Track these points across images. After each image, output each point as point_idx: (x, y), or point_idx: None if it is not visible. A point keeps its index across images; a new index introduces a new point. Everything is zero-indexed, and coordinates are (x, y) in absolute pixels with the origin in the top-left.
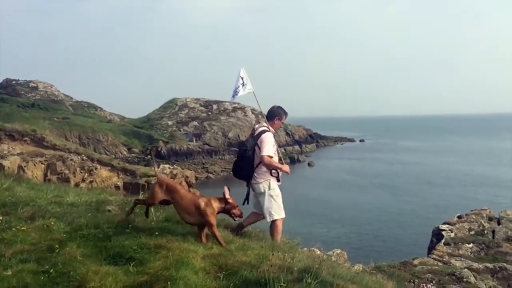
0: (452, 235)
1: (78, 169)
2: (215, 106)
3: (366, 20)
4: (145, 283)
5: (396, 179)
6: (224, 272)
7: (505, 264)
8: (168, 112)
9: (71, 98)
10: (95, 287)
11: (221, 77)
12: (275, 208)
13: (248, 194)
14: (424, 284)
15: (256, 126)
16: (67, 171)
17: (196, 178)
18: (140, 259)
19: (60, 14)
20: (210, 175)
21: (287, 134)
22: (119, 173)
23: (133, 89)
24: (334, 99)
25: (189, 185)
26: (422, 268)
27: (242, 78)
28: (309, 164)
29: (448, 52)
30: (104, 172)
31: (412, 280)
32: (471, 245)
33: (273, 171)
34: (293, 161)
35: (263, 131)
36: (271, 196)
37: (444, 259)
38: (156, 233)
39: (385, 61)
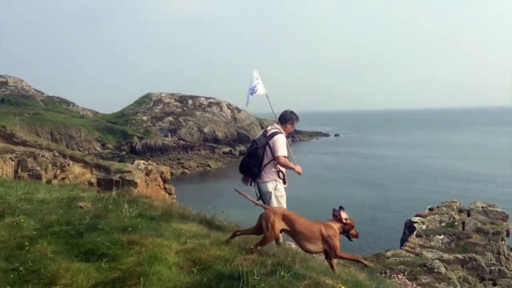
0: (424, 227)
1: (50, 165)
2: (190, 101)
3: (336, 14)
4: (118, 279)
5: (370, 173)
6: (198, 267)
7: (474, 255)
8: (142, 107)
9: (42, 93)
10: (66, 284)
11: (196, 72)
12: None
13: (258, 194)
14: (395, 275)
15: (269, 127)
16: (38, 168)
17: (172, 174)
18: (113, 255)
19: (29, 6)
20: (186, 170)
21: (263, 128)
22: (93, 169)
23: (106, 84)
24: (308, 94)
25: (164, 180)
26: (394, 259)
27: (257, 78)
28: None
29: (419, 47)
30: (77, 168)
31: (384, 272)
32: (442, 236)
33: (280, 173)
34: None
35: (276, 133)
36: (276, 197)
37: (416, 251)
38: (129, 229)
39: (358, 56)
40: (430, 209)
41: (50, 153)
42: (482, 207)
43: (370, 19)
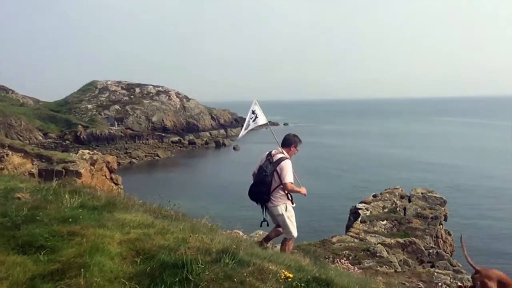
0: (368, 213)
1: None
2: (137, 90)
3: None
4: (57, 272)
5: (319, 162)
6: (141, 257)
7: (414, 239)
8: (87, 95)
9: None
10: (2, 278)
11: (145, 59)
12: (291, 228)
13: (264, 217)
14: (338, 260)
15: (273, 152)
16: None
17: (119, 164)
18: (52, 247)
19: None
20: (134, 160)
21: (212, 118)
22: (34, 159)
23: (48, 70)
24: (258, 83)
25: (111, 170)
26: (340, 245)
27: (253, 112)
28: (234, 148)
29: (369, 36)
30: (16, 158)
31: (328, 257)
32: (384, 222)
33: (288, 195)
34: (218, 146)
35: (282, 158)
36: (288, 217)
37: (360, 236)
38: (70, 220)
39: (305, 45)
40: (374, 196)
41: None
42: (422, 193)
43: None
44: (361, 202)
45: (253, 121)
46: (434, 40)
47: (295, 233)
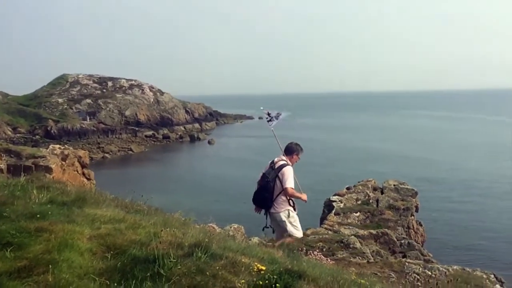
0: (342, 205)
1: None
2: (110, 83)
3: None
4: (24, 268)
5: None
6: (112, 252)
7: (386, 230)
8: (58, 89)
9: None
10: None
11: (116, 52)
12: (295, 231)
13: (266, 222)
14: (311, 251)
15: (276, 159)
16: None
17: (91, 159)
18: (19, 243)
19: None
20: (107, 155)
21: (187, 112)
22: (2, 155)
23: (16, 63)
24: (233, 77)
25: (83, 165)
26: (314, 237)
27: (269, 114)
28: (209, 142)
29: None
30: None
31: (302, 249)
32: (358, 214)
33: (290, 200)
34: (193, 140)
35: (284, 165)
36: (291, 223)
37: (334, 228)
38: (38, 216)
39: (279, 40)
40: (348, 188)
41: None
42: (394, 185)
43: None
44: (335, 195)
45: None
46: (408, 32)
47: (300, 234)
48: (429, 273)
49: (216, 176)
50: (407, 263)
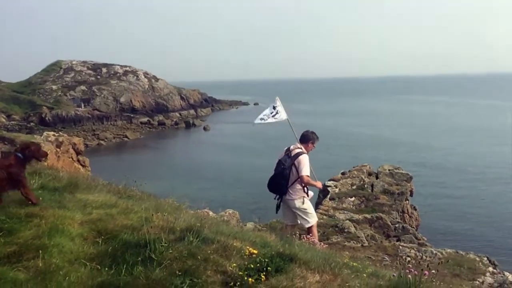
0: (337, 190)
1: None
2: (104, 70)
3: None
4: (14, 254)
5: (289, 142)
6: (103, 237)
7: (381, 214)
8: (52, 75)
9: None
10: None
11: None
12: (310, 217)
13: (278, 206)
14: (304, 236)
15: (292, 147)
16: None
17: (86, 146)
18: (9, 229)
19: None
20: (102, 142)
21: (182, 98)
22: None
23: (9, 49)
24: (228, 63)
25: (78, 152)
26: None
27: (274, 108)
28: (204, 129)
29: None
30: None
31: (295, 233)
32: (353, 198)
33: (305, 188)
34: (188, 126)
35: (300, 153)
36: (305, 209)
37: (330, 213)
38: (29, 201)
39: (270, 25)
40: (343, 173)
41: None
42: (389, 170)
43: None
44: (330, 180)
45: (273, 116)
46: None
47: (315, 219)
48: (423, 256)
49: (211, 162)
50: (401, 247)
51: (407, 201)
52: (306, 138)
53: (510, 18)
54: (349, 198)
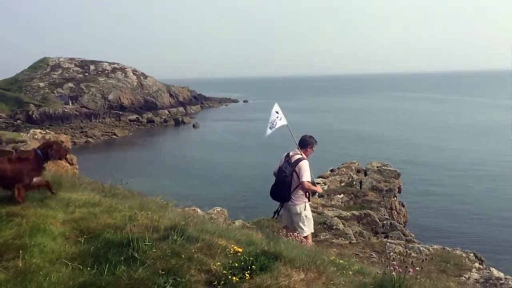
0: (326, 187)
1: None
2: (92, 67)
3: None
4: None
5: (279, 139)
6: (85, 236)
7: (369, 211)
8: (39, 72)
9: None
10: None
11: (98, 35)
12: (307, 225)
13: (278, 210)
14: (291, 233)
15: (291, 153)
16: None
17: (74, 143)
18: None
19: None
20: (90, 139)
21: (171, 95)
22: None
23: None
24: (217, 60)
25: (65, 150)
26: None
27: (277, 113)
28: (194, 126)
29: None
30: None
31: (281, 230)
32: (341, 195)
33: (306, 193)
34: (177, 123)
35: (300, 159)
36: (306, 216)
37: (318, 210)
38: (9, 200)
39: (263, 25)
40: (331, 170)
41: None
42: (377, 167)
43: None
44: (319, 177)
45: (280, 119)
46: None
47: (311, 229)
48: (410, 252)
49: (200, 160)
50: (388, 243)
51: (395, 198)
52: (305, 143)
53: (502, 16)
54: (338, 195)
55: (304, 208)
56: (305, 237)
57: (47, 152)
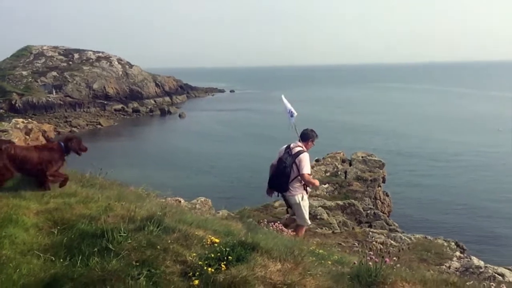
0: (311, 178)
1: None
2: (76, 55)
3: None
4: None
5: (267, 129)
6: (59, 227)
7: (353, 201)
8: (21, 61)
9: None
10: None
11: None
12: (304, 215)
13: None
14: (272, 223)
15: (292, 145)
16: None
17: (58, 133)
18: None
19: None
20: (74, 129)
21: (157, 85)
22: None
23: None
24: (202, 50)
25: (47, 139)
26: (282, 209)
27: (288, 103)
28: (180, 116)
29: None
30: None
31: (268, 220)
32: (326, 185)
33: (304, 185)
34: (163, 113)
35: (301, 151)
36: (303, 206)
37: None
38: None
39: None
40: (317, 160)
41: None
42: (362, 157)
43: None
44: None
45: (293, 112)
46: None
47: (308, 222)
48: (390, 241)
49: (186, 150)
50: (371, 233)
51: (379, 188)
52: (306, 137)
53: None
54: (323, 185)
55: (301, 198)
56: (299, 228)
57: (67, 144)
